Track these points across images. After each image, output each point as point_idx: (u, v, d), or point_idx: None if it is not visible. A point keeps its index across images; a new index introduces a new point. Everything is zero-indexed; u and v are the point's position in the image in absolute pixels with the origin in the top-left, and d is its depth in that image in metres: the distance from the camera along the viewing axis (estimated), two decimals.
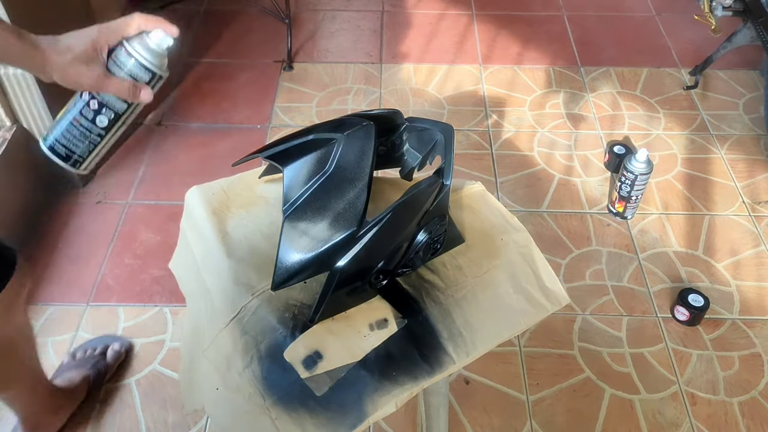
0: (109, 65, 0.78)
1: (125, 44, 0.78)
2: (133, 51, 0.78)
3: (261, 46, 2.65)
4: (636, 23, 2.83)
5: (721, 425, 1.58)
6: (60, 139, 0.80)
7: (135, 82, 0.79)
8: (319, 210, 0.86)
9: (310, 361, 0.86)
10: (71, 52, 0.75)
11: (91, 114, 0.79)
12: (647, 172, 1.92)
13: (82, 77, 0.77)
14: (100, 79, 0.77)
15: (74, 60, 0.75)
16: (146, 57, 0.79)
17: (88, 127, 0.80)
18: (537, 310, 1.01)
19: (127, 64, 0.78)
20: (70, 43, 0.76)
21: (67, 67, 0.76)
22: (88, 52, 0.76)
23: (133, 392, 1.61)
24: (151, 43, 0.80)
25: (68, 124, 0.80)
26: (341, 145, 0.87)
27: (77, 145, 0.80)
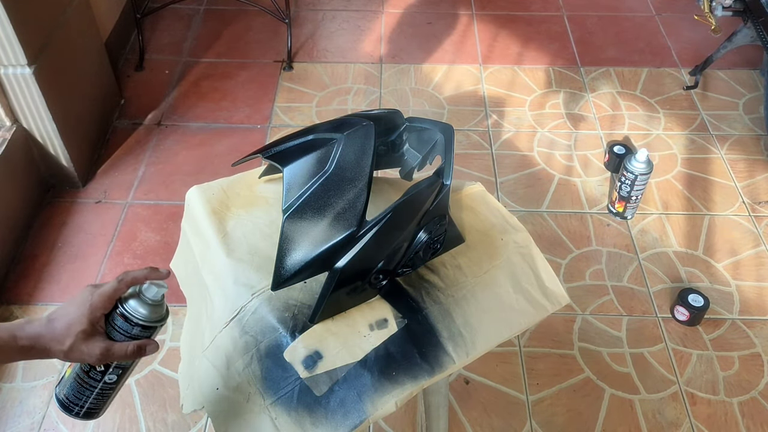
0: (109, 331, 0.78)
1: (121, 309, 0.78)
2: (131, 315, 0.78)
3: (261, 46, 2.65)
4: (636, 23, 2.83)
5: (721, 425, 1.58)
6: (71, 398, 0.81)
7: (136, 342, 0.78)
8: (319, 210, 0.86)
9: (310, 361, 0.86)
10: (70, 338, 0.75)
11: (99, 375, 0.80)
12: (647, 172, 1.92)
13: (85, 356, 0.76)
14: (103, 354, 0.77)
15: (75, 344, 0.75)
16: (145, 316, 0.78)
17: (101, 387, 0.81)
18: (537, 310, 1.01)
19: (127, 329, 0.78)
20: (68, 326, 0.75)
21: (69, 353, 0.75)
22: (86, 331, 0.75)
23: (133, 392, 1.61)
24: (147, 299, 0.79)
25: (78, 385, 0.80)
26: (341, 145, 0.88)
27: (92, 403, 0.81)
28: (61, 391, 0.81)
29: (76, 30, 2.05)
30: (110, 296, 0.77)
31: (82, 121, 2.10)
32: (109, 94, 2.30)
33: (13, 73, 1.78)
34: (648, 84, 2.51)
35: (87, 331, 0.75)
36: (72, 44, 2.02)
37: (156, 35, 2.67)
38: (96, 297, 0.77)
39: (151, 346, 0.80)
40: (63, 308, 0.77)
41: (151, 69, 2.53)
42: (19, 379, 1.62)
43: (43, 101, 1.83)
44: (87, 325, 0.75)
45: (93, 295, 0.77)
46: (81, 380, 0.80)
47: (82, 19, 2.09)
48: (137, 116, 2.33)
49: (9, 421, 1.55)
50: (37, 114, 1.87)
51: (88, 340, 0.75)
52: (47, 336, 0.75)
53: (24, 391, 1.60)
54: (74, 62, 2.05)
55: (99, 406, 0.82)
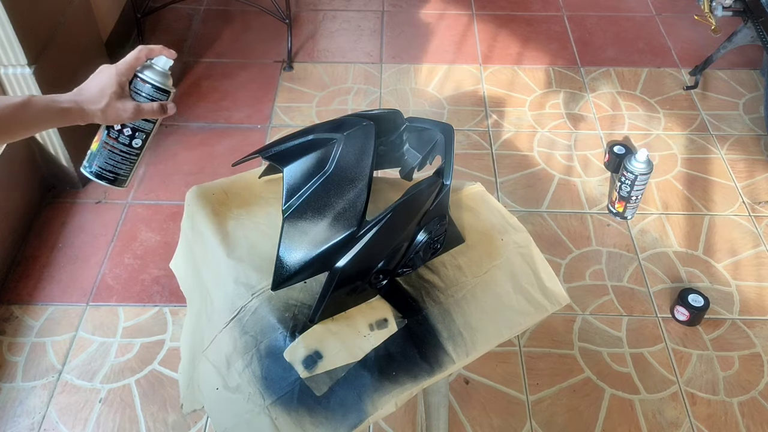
0: (133, 95, 0.90)
1: (139, 75, 0.91)
2: (148, 78, 0.91)
3: (261, 46, 2.65)
4: (636, 23, 2.83)
5: (720, 425, 1.58)
6: (104, 166, 0.92)
7: (159, 102, 0.91)
8: (319, 210, 0.86)
9: (310, 361, 0.86)
10: (105, 97, 0.87)
11: (127, 140, 0.92)
12: (647, 172, 1.92)
13: (121, 113, 0.88)
14: (135, 110, 0.89)
15: (109, 103, 0.87)
16: (159, 80, 0.91)
17: (127, 150, 0.93)
18: (537, 310, 1.01)
19: (147, 90, 0.91)
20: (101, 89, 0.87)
21: (106, 111, 0.87)
22: (117, 92, 0.87)
23: (133, 392, 1.61)
24: (159, 68, 0.92)
25: (108, 152, 0.92)
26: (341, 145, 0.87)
27: (121, 167, 0.93)
28: (91, 164, 0.93)
29: (77, 30, 2.05)
30: (132, 64, 0.89)
31: None
32: None
33: (13, 73, 1.78)
34: (648, 84, 2.51)
35: (118, 92, 0.87)
36: (72, 44, 2.02)
37: (156, 35, 2.67)
38: (121, 64, 0.89)
39: (171, 105, 0.92)
40: (90, 79, 0.89)
41: None
42: (19, 379, 1.62)
43: None
44: (117, 87, 0.87)
45: (116, 65, 0.89)
46: (110, 147, 0.92)
47: (83, 19, 2.09)
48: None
49: (9, 421, 1.55)
50: None
51: (120, 98, 0.88)
52: (83, 99, 0.86)
53: (24, 391, 1.60)
54: (74, 62, 2.05)
55: (128, 172, 0.94)
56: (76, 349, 1.68)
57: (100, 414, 1.57)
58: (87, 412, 1.57)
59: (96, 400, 1.59)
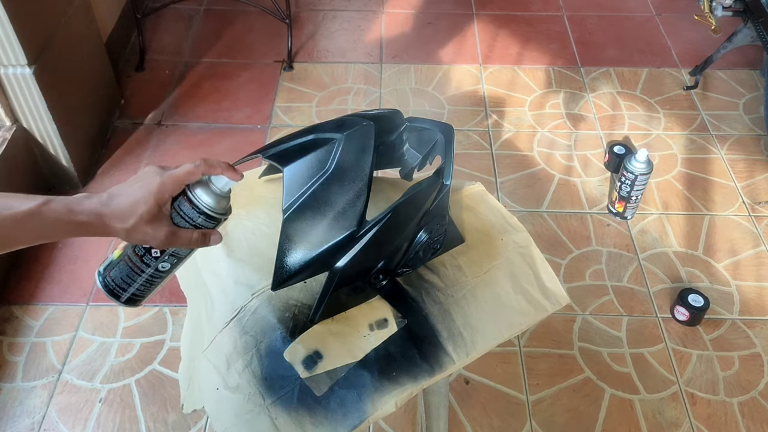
0: (173, 216, 0.74)
1: (189, 195, 0.74)
2: (199, 202, 0.74)
3: (261, 46, 2.65)
4: (636, 23, 2.83)
5: (720, 425, 1.58)
6: (119, 282, 0.78)
7: (202, 231, 0.76)
8: (319, 210, 0.86)
9: (310, 361, 0.86)
10: (134, 216, 0.70)
11: (153, 262, 0.77)
12: (647, 172, 1.92)
13: (149, 239, 0.73)
14: (167, 239, 0.73)
15: (138, 224, 0.71)
16: (212, 206, 0.75)
17: (151, 273, 0.78)
18: (537, 311, 1.01)
19: (193, 216, 0.74)
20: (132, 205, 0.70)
21: (131, 232, 0.71)
22: (152, 212, 0.71)
23: (133, 392, 1.61)
24: (216, 189, 0.75)
25: (129, 269, 0.77)
26: (341, 145, 0.87)
27: (139, 289, 0.79)
28: (107, 274, 0.78)
29: (77, 30, 2.05)
30: (182, 180, 0.73)
31: (83, 121, 2.10)
32: (109, 94, 2.30)
33: (13, 73, 1.78)
34: (648, 84, 2.51)
35: (153, 212, 0.71)
36: (72, 44, 2.02)
37: (156, 35, 2.67)
38: (167, 178, 0.72)
39: (215, 236, 0.77)
40: (125, 186, 0.72)
41: (151, 69, 2.53)
42: (19, 379, 1.62)
43: (43, 101, 1.83)
44: (153, 206, 0.71)
45: (163, 175, 0.72)
46: (132, 264, 0.76)
47: (83, 19, 2.09)
48: (137, 116, 2.33)
49: (9, 421, 1.55)
50: (37, 114, 1.87)
51: (153, 221, 0.71)
52: (108, 213, 0.70)
53: (24, 391, 1.60)
54: (74, 62, 2.05)
55: (144, 294, 0.79)
56: (76, 349, 1.68)
57: (100, 414, 1.57)
58: (87, 412, 1.57)
59: (96, 400, 1.59)
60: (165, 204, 0.73)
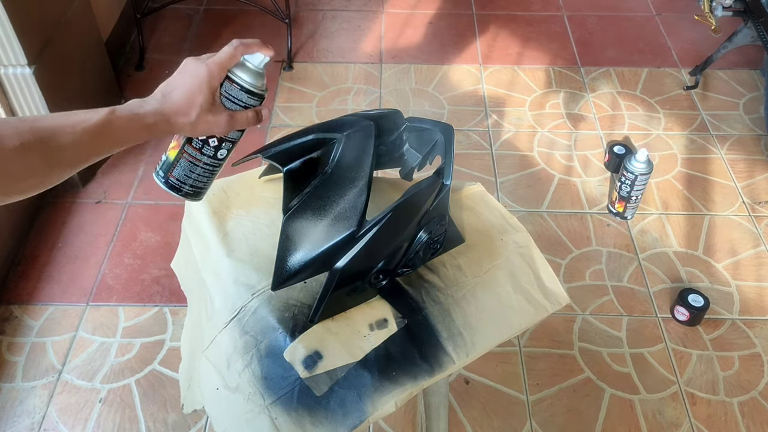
0: (223, 102, 0.77)
1: (233, 78, 0.77)
2: (244, 83, 0.78)
3: None
4: (636, 23, 2.83)
5: (720, 425, 1.58)
6: (183, 179, 0.81)
7: (254, 108, 0.79)
8: (319, 210, 0.86)
9: (310, 361, 0.86)
10: (194, 108, 0.73)
11: (212, 151, 0.81)
12: (647, 172, 1.92)
13: (213, 127, 0.76)
14: (228, 123, 0.77)
15: (200, 115, 0.74)
16: (255, 84, 0.79)
17: (210, 163, 0.82)
18: (537, 311, 1.01)
19: (242, 97, 0.78)
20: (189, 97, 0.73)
21: (196, 124, 0.74)
22: (208, 100, 0.74)
23: (133, 392, 1.61)
24: (254, 67, 0.79)
25: (190, 164, 0.81)
26: (341, 145, 0.87)
27: (202, 180, 0.82)
28: (168, 174, 0.81)
29: (77, 30, 2.05)
30: (226, 65, 0.76)
31: None
32: (109, 93, 2.30)
33: (13, 73, 1.78)
34: (648, 84, 2.51)
35: (209, 101, 0.74)
36: (72, 44, 2.02)
37: (156, 35, 2.67)
38: (212, 65, 0.74)
39: (265, 112, 0.81)
40: (175, 80, 0.74)
41: (151, 69, 2.53)
42: (19, 379, 1.62)
43: (43, 101, 1.83)
44: (208, 95, 0.74)
45: (207, 64, 0.74)
46: (192, 158, 0.80)
47: (82, 19, 2.09)
48: None
49: (9, 421, 1.55)
50: (37, 114, 1.87)
51: (212, 110, 0.74)
52: (170, 110, 0.72)
53: (24, 391, 1.60)
54: (74, 62, 2.05)
55: (207, 184, 0.83)
56: (76, 349, 1.68)
57: (100, 414, 1.57)
58: (87, 412, 1.57)
59: (96, 400, 1.59)
60: (216, 91, 0.76)
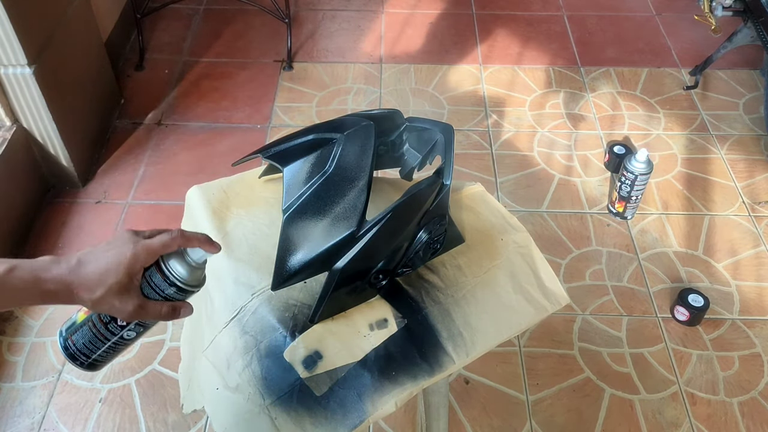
0: (143, 287, 0.71)
1: (162, 266, 0.71)
2: (171, 274, 0.71)
3: (261, 46, 2.65)
4: (636, 23, 2.83)
5: (720, 425, 1.58)
6: (81, 348, 0.74)
7: (172, 303, 0.73)
8: (319, 210, 0.86)
9: (310, 361, 0.86)
10: (102, 287, 0.67)
11: (118, 330, 0.73)
12: (647, 172, 1.92)
13: (115, 311, 0.70)
14: (135, 312, 0.70)
15: (106, 295, 0.67)
16: (185, 279, 0.72)
17: (115, 341, 0.74)
18: (537, 311, 1.01)
19: (164, 288, 0.71)
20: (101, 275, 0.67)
21: (97, 303, 0.68)
22: (122, 283, 0.68)
23: (133, 392, 1.61)
24: (191, 261, 0.72)
25: (92, 335, 0.74)
26: (341, 145, 0.87)
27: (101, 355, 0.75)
28: (69, 338, 0.74)
29: (76, 30, 2.05)
30: (156, 252, 0.70)
31: (82, 121, 2.10)
32: (109, 93, 2.30)
33: (13, 73, 1.78)
34: (648, 84, 2.51)
35: (122, 284, 0.68)
36: (72, 44, 2.02)
37: (156, 35, 2.67)
38: (140, 248, 0.69)
39: (186, 309, 0.74)
40: (97, 251, 0.69)
41: (151, 69, 2.53)
42: (19, 379, 1.62)
43: (43, 101, 1.83)
44: (123, 277, 0.68)
45: (137, 245, 0.69)
46: (96, 331, 0.73)
47: (82, 19, 2.09)
48: (137, 116, 2.33)
49: (9, 421, 1.55)
50: (37, 114, 1.87)
51: (122, 293, 0.68)
52: (76, 282, 0.67)
53: (24, 391, 1.60)
54: (74, 62, 2.05)
55: (107, 360, 0.76)
56: None
57: (100, 414, 1.57)
58: (87, 412, 1.57)
59: (96, 400, 1.59)
60: (136, 275, 0.70)
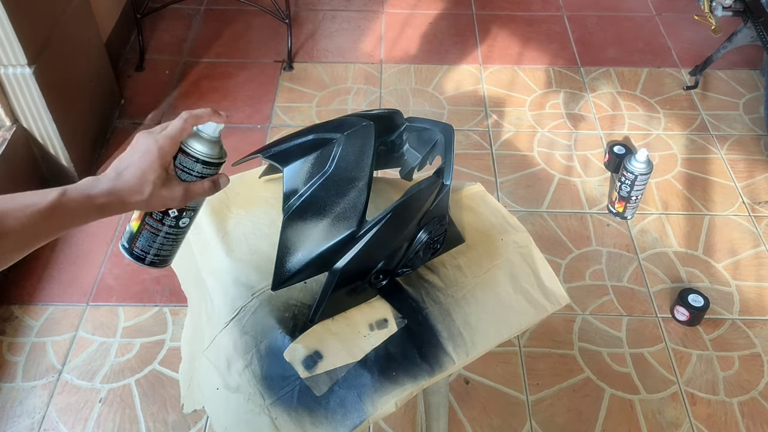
0: (179, 174, 0.77)
1: (186, 150, 0.77)
2: (197, 154, 0.77)
3: (261, 46, 2.65)
4: (636, 23, 2.83)
5: (720, 425, 1.58)
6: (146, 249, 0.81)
7: (211, 178, 0.79)
8: (319, 210, 0.86)
9: (310, 361, 0.86)
10: (148, 185, 0.73)
11: (173, 221, 0.80)
12: (647, 172, 1.92)
13: (168, 202, 0.76)
14: (184, 196, 0.77)
15: (153, 191, 0.74)
16: (209, 154, 0.78)
17: (173, 232, 0.81)
18: (537, 311, 1.01)
19: (197, 168, 0.78)
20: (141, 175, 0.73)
21: (149, 200, 0.74)
22: (161, 176, 0.74)
23: (133, 392, 1.61)
24: (207, 137, 0.78)
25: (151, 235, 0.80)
26: (341, 145, 0.87)
27: (166, 249, 0.82)
28: (132, 244, 0.80)
29: (76, 30, 2.05)
30: (176, 137, 0.76)
31: (82, 121, 2.10)
32: (109, 93, 2.30)
33: (13, 73, 1.78)
34: (648, 84, 2.51)
35: (162, 177, 0.74)
36: (72, 44, 2.02)
37: (156, 35, 2.67)
38: (163, 140, 0.74)
39: (223, 179, 0.80)
40: (127, 157, 0.74)
41: (151, 69, 2.53)
42: (19, 379, 1.62)
43: (43, 101, 1.83)
44: (161, 170, 0.74)
45: (158, 140, 0.74)
46: (154, 229, 0.79)
47: (82, 19, 2.09)
48: (137, 116, 2.33)
49: (9, 421, 1.55)
50: (37, 114, 1.87)
51: (166, 185, 0.75)
52: (123, 189, 0.73)
53: (24, 391, 1.60)
54: (74, 62, 2.05)
55: (172, 252, 0.83)
56: (76, 349, 1.68)
57: (100, 414, 1.57)
58: (87, 412, 1.57)
59: (96, 400, 1.59)
60: (169, 166, 0.76)
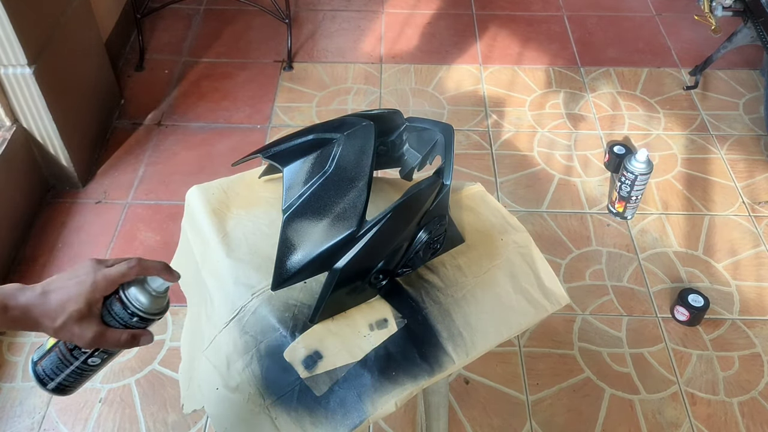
0: (103, 315, 0.73)
1: (122, 295, 0.73)
2: (131, 303, 0.73)
3: (261, 46, 2.65)
4: (636, 23, 2.83)
5: (720, 425, 1.58)
6: (49, 372, 0.76)
7: (131, 331, 0.74)
8: (319, 210, 0.86)
9: (310, 361, 0.86)
10: (63, 315, 0.70)
11: (83, 356, 0.75)
12: (647, 172, 1.92)
13: (75, 338, 0.72)
14: (95, 339, 0.72)
15: (66, 322, 0.70)
16: (146, 307, 0.74)
17: (80, 367, 0.76)
18: (537, 311, 1.01)
19: (124, 317, 0.73)
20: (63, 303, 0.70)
21: (58, 330, 0.70)
22: (81, 311, 0.70)
23: (133, 392, 1.61)
24: (150, 289, 0.74)
25: (59, 360, 0.75)
26: (341, 145, 0.87)
27: (69, 380, 0.77)
28: (38, 362, 0.76)
29: (76, 30, 2.05)
30: (115, 281, 0.73)
31: (82, 121, 2.10)
32: (109, 94, 2.30)
33: (13, 73, 1.78)
34: (648, 84, 2.51)
35: (82, 312, 0.71)
36: (72, 44, 2.02)
37: (156, 35, 2.67)
38: (100, 277, 0.72)
39: (146, 338, 0.75)
40: (60, 280, 0.72)
41: (151, 69, 2.53)
42: (19, 379, 1.62)
43: (43, 101, 1.83)
44: (83, 305, 0.70)
45: (97, 274, 0.72)
46: (62, 356, 0.75)
47: (82, 19, 2.09)
48: (137, 116, 2.33)
49: (9, 421, 1.55)
50: (37, 114, 1.87)
51: (81, 321, 0.71)
52: (39, 309, 0.70)
53: (24, 391, 1.60)
54: (74, 62, 2.05)
55: (74, 385, 0.78)
56: None
57: (100, 414, 1.57)
58: (87, 412, 1.57)
59: (96, 400, 1.59)
60: (96, 304, 0.72)
